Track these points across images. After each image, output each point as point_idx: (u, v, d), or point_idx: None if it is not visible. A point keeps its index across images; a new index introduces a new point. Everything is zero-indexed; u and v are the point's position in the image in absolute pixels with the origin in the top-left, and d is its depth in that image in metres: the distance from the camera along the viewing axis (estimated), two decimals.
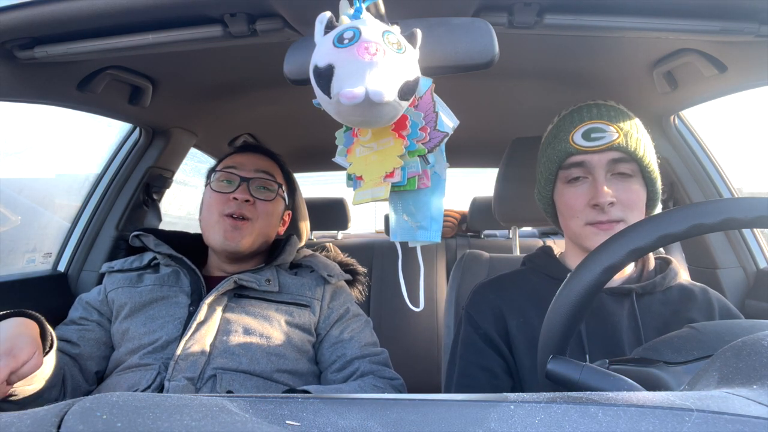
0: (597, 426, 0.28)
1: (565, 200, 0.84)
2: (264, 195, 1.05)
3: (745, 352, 0.36)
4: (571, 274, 0.53)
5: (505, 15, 0.70)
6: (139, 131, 1.34)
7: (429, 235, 0.60)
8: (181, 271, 1.01)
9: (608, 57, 1.01)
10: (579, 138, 0.80)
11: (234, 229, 1.00)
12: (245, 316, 0.95)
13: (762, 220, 0.47)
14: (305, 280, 1.05)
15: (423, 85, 0.58)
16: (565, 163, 0.83)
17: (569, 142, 0.81)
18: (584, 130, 0.80)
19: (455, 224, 2.30)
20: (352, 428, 0.29)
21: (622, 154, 0.79)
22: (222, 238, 1.00)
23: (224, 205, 1.01)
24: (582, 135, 0.80)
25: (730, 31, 0.72)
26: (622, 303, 0.80)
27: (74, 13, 0.71)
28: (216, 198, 1.03)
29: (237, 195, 1.01)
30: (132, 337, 0.94)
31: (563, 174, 0.84)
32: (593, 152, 0.79)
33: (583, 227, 0.81)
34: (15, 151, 1.48)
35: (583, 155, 0.80)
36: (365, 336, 1.04)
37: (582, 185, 0.82)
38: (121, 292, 1.01)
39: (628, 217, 0.79)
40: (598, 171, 0.79)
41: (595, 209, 0.79)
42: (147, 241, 1.04)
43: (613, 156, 0.79)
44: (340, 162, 0.64)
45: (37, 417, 0.28)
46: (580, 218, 0.81)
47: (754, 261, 1.16)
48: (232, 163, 1.06)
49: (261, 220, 1.03)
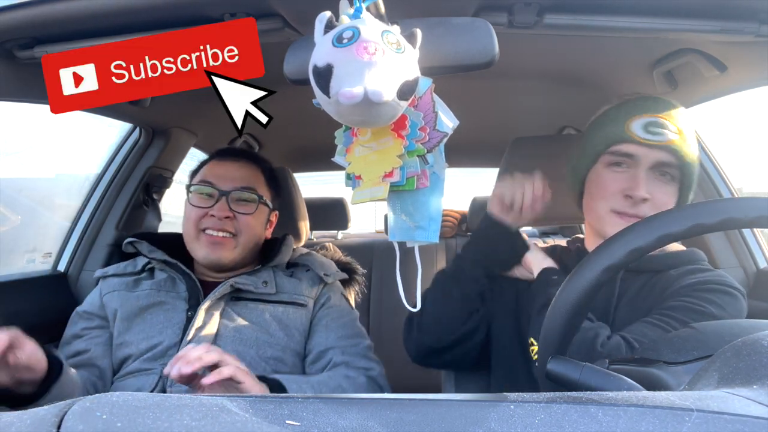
0: (597, 426, 0.28)
1: (601, 182, 0.81)
2: (244, 208, 1.01)
3: (745, 352, 0.36)
4: (571, 273, 0.53)
5: (505, 15, 0.70)
6: (139, 131, 1.34)
7: (427, 236, 0.60)
8: (176, 277, 1.00)
9: (608, 57, 1.01)
10: (638, 128, 0.77)
11: (215, 245, 0.98)
12: (243, 320, 0.95)
13: (762, 220, 0.47)
14: (302, 280, 1.04)
15: (422, 85, 0.58)
16: (615, 148, 0.80)
17: (625, 129, 0.78)
18: (647, 121, 0.77)
19: (455, 224, 2.30)
20: (352, 428, 0.29)
21: (673, 159, 0.77)
22: (205, 252, 0.98)
23: (203, 220, 0.98)
24: (642, 126, 0.77)
25: (730, 31, 0.72)
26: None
27: (74, 13, 0.71)
28: (194, 212, 0.99)
29: (215, 212, 0.97)
30: (130, 342, 0.94)
31: (607, 157, 0.81)
32: (647, 146, 0.77)
33: (608, 213, 0.80)
34: (15, 151, 1.48)
35: (636, 146, 0.77)
36: (344, 326, 1.01)
37: (623, 173, 0.79)
38: (117, 295, 0.99)
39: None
40: (644, 166, 0.77)
41: (626, 199, 0.78)
42: (141, 248, 1.02)
43: (665, 158, 0.77)
44: (339, 162, 0.64)
45: (37, 417, 0.28)
46: (608, 202, 0.80)
47: (754, 261, 1.16)
48: (210, 175, 1.02)
49: (243, 235, 1.00)
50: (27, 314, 1.11)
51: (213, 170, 1.03)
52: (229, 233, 0.98)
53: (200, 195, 1.01)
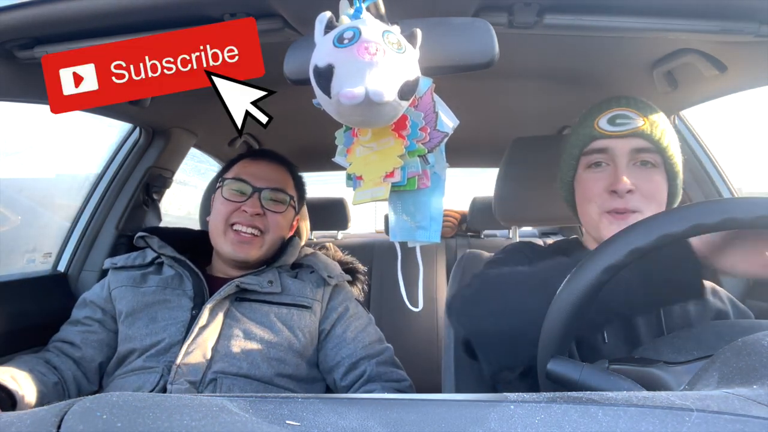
0: (597, 426, 0.28)
1: (584, 185, 0.83)
2: (275, 207, 1.04)
3: (745, 352, 0.36)
4: (571, 273, 0.53)
5: (505, 15, 0.70)
6: (139, 131, 1.34)
7: (428, 235, 0.60)
8: (183, 275, 1.01)
9: (608, 57, 1.01)
10: (604, 123, 0.80)
11: (242, 243, 0.99)
12: (247, 320, 0.95)
13: (762, 220, 0.47)
14: (306, 282, 1.04)
15: (423, 85, 0.58)
16: (588, 148, 0.82)
17: (594, 126, 0.80)
18: (610, 116, 0.80)
19: (455, 224, 2.30)
20: (352, 428, 0.29)
21: (647, 143, 0.78)
22: (231, 249, 0.99)
23: (233, 214, 1.00)
24: (608, 120, 0.79)
25: (730, 31, 0.72)
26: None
27: (74, 13, 0.71)
28: (226, 206, 1.01)
29: (247, 208, 0.99)
30: (134, 337, 0.94)
31: (585, 159, 0.83)
32: (617, 137, 0.78)
33: (600, 215, 0.80)
34: (15, 151, 1.48)
35: (606, 140, 0.79)
36: (368, 334, 1.03)
37: (603, 171, 0.81)
38: (125, 290, 1.00)
39: (645, 208, 0.78)
40: (620, 158, 0.78)
41: (612, 195, 0.78)
42: (151, 243, 1.04)
43: (637, 144, 0.78)
44: (340, 162, 0.64)
45: (37, 417, 0.28)
46: (597, 204, 0.80)
47: None
48: (244, 172, 1.04)
49: (271, 233, 1.03)
50: (27, 314, 1.11)
51: (247, 168, 1.05)
52: (257, 230, 1.00)
53: (233, 190, 1.02)
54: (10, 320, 1.07)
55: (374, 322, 1.08)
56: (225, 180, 1.05)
